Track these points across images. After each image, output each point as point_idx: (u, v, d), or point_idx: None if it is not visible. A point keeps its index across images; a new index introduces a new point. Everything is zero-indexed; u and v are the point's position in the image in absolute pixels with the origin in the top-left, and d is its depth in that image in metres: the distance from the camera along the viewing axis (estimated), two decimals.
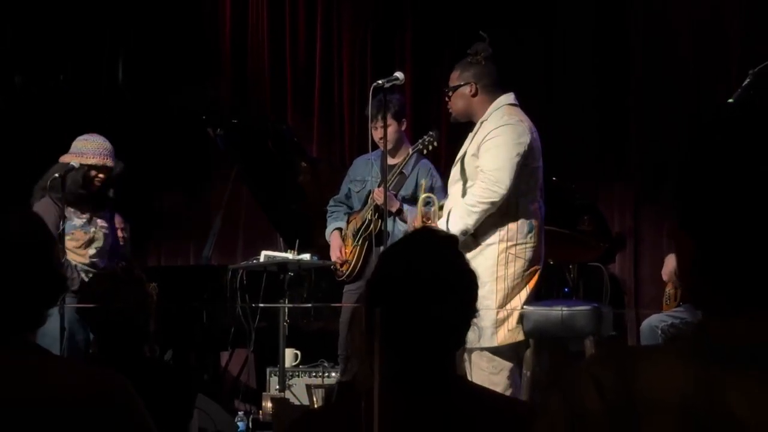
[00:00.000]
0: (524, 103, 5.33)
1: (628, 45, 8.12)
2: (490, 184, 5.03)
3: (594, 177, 8.16)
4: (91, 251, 6.30)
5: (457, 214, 5.07)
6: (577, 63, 8.24)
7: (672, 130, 7.68)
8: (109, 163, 6.32)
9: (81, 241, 6.28)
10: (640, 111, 8.01)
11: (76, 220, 6.29)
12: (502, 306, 5.08)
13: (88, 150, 6.31)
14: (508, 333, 5.09)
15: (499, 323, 5.06)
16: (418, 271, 2.16)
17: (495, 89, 5.27)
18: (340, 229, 6.80)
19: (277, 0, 9.00)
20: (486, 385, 4.82)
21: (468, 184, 5.18)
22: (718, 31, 7.75)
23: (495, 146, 5.08)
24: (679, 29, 7.91)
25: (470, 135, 5.29)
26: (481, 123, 5.23)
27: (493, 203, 5.03)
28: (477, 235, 5.10)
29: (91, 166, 6.29)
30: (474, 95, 5.27)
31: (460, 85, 5.29)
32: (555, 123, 7.87)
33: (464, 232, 5.01)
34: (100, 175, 6.31)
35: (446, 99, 5.41)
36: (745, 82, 4.99)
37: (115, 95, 9.07)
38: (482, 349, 5.00)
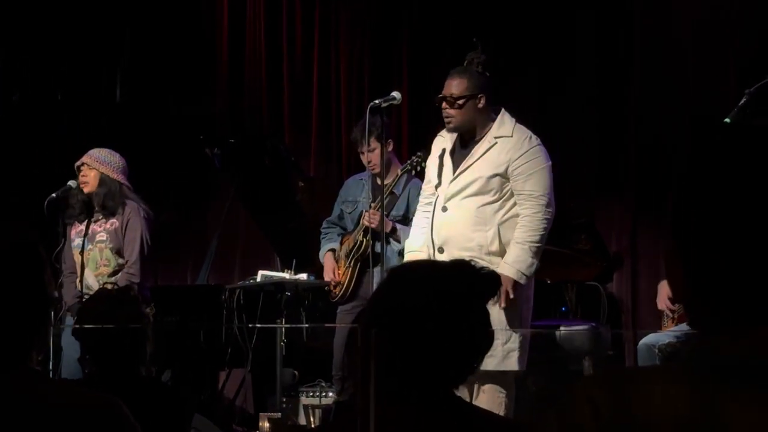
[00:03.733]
0: (521, 122, 5.33)
1: (628, 63, 8.12)
2: (544, 211, 5.04)
3: (591, 196, 8.15)
4: (94, 272, 6.28)
5: (527, 255, 4.99)
6: (575, 83, 8.25)
7: (669, 149, 7.68)
8: (84, 159, 6.36)
9: (77, 262, 6.28)
10: (637, 129, 8.01)
11: (76, 240, 6.31)
12: (526, 328, 5.06)
13: None
14: (520, 358, 5.06)
15: (524, 348, 5.05)
16: (452, 304, 2.13)
17: (491, 102, 5.24)
18: (333, 251, 6.78)
19: (275, 17, 9.02)
20: (494, 407, 4.78)
21: (491, 198, 5.09)
22: (718, 48, 7.76)
23: (539, 169, 5.10)
24: (678, 47, 7.92)
25: (475, 148, 5.18)
26: (496, 138, 5.15)
27: (550, 227, 5.08)
28: (496, 255, 5.07)
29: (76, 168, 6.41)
30: (483, 108, 5.19)
31: (471, 96, 5.17)
32: (551, 141, 7.87)
33: (535, 269, 5.03)
34: (82, 174, 6.32)
35: (446, 107, 5.22)
36: (742, 102, 5.00)
37: (111, 113, 9.09)
38: (494, 371, 4.89)
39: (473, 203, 5.12)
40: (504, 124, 5.19)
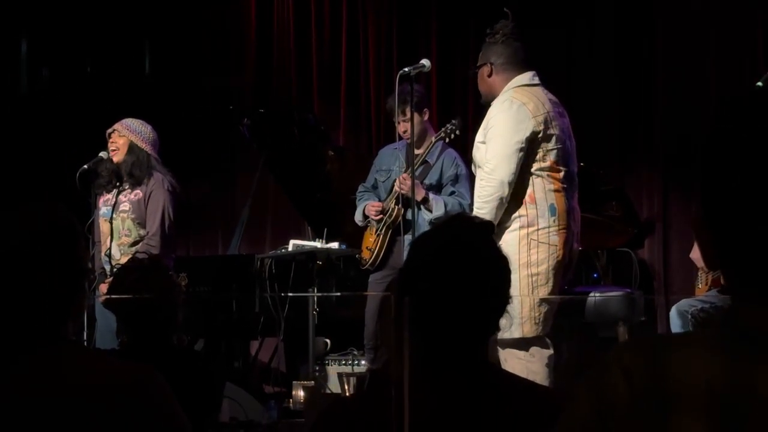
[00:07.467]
0: (547, 88, 5.14)
1: (651, 27, 8.06)
2: (488, 179, 4.82)
3: (620, 162, 8.12)
4: (117, 241, 6.28)
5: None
6: (601, 46, 8.20)
7: (698, 112, 7.62)
8: (115, 126, 6.33)
9: (105, 232, 6.29)
10: (664, 94, 7.96)
11: (103, 209, 6.32)
12: (526, 294, 4.81)
13: None
14: (534, 326, 4.83)
15: (525, 315, 4.81)
16: (450, 257, 2.16)
17: (513, 68, 5.00)
18: None
19: None
20: (524, 373, 4.67)
21: (478, 173, 4.99)
22: (744, 9, 7.69)
23: (493, 136, 4.85)
24: (702, 9, 7.85)
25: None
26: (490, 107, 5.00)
27: (498, 198, 4.81)
28: (498, 222, 4.85)
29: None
30: (490, 75, 5.02)
31: (479, 66, 5.06)
32: (579, 108, 7.83)
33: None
34: (112, 140, 6.32)
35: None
36: None
37: (140, 85, 9.11)
38: (513, 338, 4.77)
39: (479, 173, 5.01)
40: (502, 92, 4.98)
